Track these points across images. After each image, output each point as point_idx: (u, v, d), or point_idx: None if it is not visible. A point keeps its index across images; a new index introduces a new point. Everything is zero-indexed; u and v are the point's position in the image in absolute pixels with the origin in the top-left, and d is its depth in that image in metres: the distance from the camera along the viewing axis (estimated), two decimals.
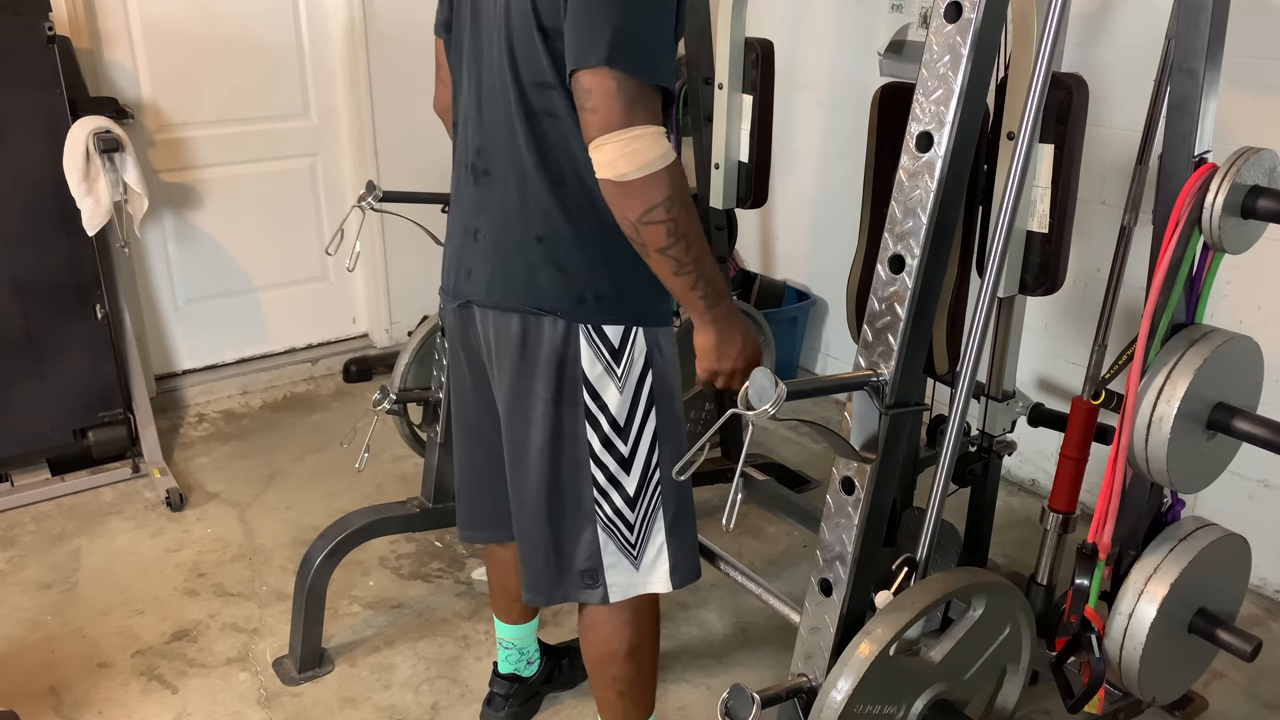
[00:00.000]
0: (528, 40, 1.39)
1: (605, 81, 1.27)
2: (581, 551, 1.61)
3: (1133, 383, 1.62)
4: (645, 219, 1.31)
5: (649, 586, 1.65)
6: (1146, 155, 1.79)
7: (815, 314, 3.72)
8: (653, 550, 1.62)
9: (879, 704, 1.38)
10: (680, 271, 1.36)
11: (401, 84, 3.55)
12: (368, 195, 2.16)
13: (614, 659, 1.71)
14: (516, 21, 1.39)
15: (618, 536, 1.60)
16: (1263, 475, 2.49)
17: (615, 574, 1.62)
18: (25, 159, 2.74)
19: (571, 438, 1.55)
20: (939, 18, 1.23)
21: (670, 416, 1.58)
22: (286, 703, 2.17)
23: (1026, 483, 3.07)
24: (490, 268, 1.55)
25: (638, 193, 1.29)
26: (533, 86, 1.41)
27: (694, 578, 1.68)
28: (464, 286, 1.61)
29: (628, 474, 1.56)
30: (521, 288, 1.51)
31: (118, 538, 2.76)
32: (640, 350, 1.52)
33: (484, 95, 1.51)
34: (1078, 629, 1.71)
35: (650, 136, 1.28)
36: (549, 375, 1.52)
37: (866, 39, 3.25)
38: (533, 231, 1.48)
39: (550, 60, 1.38)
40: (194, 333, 3.56)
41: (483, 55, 1.49)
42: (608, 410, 1.53)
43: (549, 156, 1.45)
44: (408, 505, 2.34)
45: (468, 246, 1.59)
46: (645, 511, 1.59)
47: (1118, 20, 2.56)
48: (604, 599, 1.63)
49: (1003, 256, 1.33)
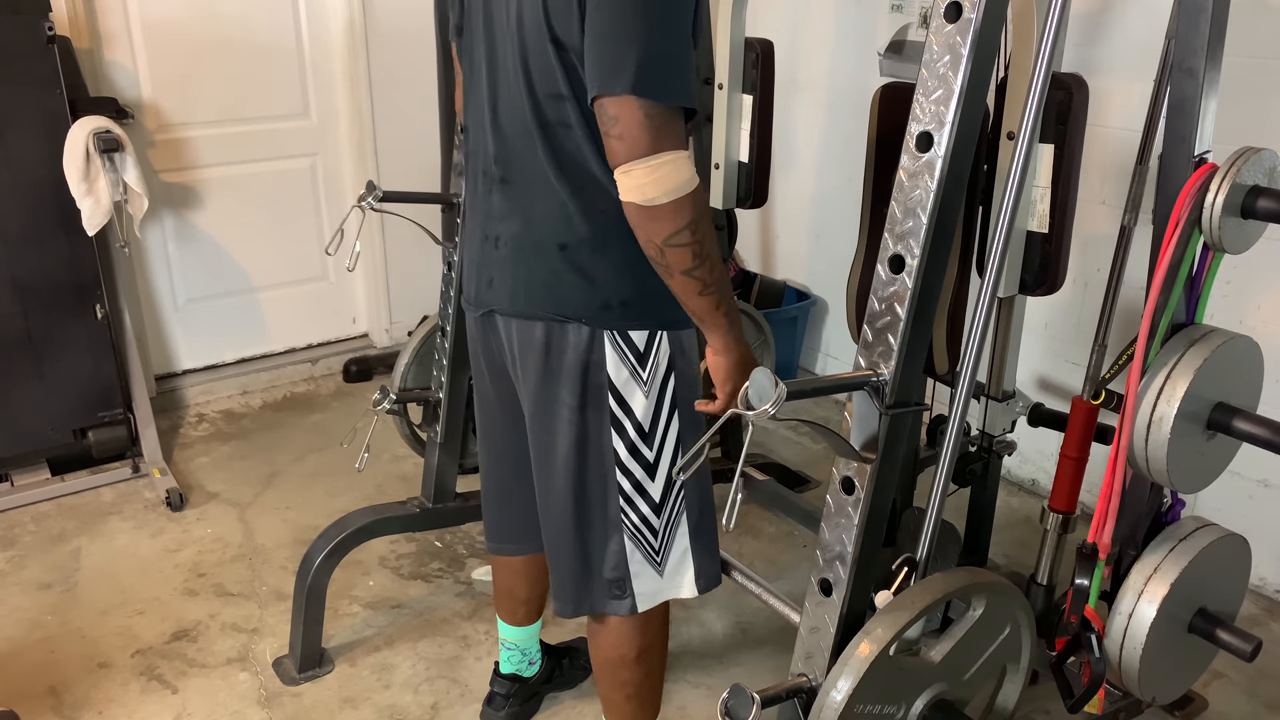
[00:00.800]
0: (541, 51, 1.38)
1: (632, 110, 1.27)
2: (609, 560, 1.61)
3: (1133, 383, 1.62)
4: (671, 242, 1.32)
5: (675, 592, 1.65)
6: (1146, 155, 1.79)
7: (815, 314, 3.72)
8: (677, 555, 1.62)
9: (879, 704, 1.38)
10: (704, 293, 1.38)
11: (401, 84, 3.55)
12: (368, 195, 2.15)
13: (624, 663, 1.71)
14: (530, 32, 1.38)
15: (643, 544, 1.59)
16: (1263, 475, 2.49)
17: (642, 582, 1.61)
18: (25, 159, 2.74)
19: (597, 445, 1.54)
20: (939, 18, 1.23)
21: (691, 417, 1.58)
22: (286, 703, 2.17)
23: (1026, 483, 3.07)
24: (513, 276, 1.54)
25: (664, 217, 1.30)
26: (546, 98, 1.41)
27: (717, 583, 1.68)
28: (486, 295, 1.60)
29: (653, 480, 1.56)
30: (545, 295, 1.50)
31: (118, 538, 2.76)
32: (665, 354, 1.52)
33: (499, 102, 1.50)
34: (1078, 629, 1.71)
35: (677, 162, 1.29)
36: (574, 382, 1.51)
37: (866, 39, 3.25)
38: (555, 239, 1.48)
39: (563, 72, 1.37)
40: (194, 333, 3.56)
41: (497, 63, 1.49)
42: (633, 415, 1.52)
43: (566, 165, 1.44)
44: (408, 505, 2.34)
45: (488, 254, 1.58)
46: (670, 516, 1.59)
47: (1118, 20, 2.56)
48: (632, 609, 1.63)
49: (1003, 256, 1.33)
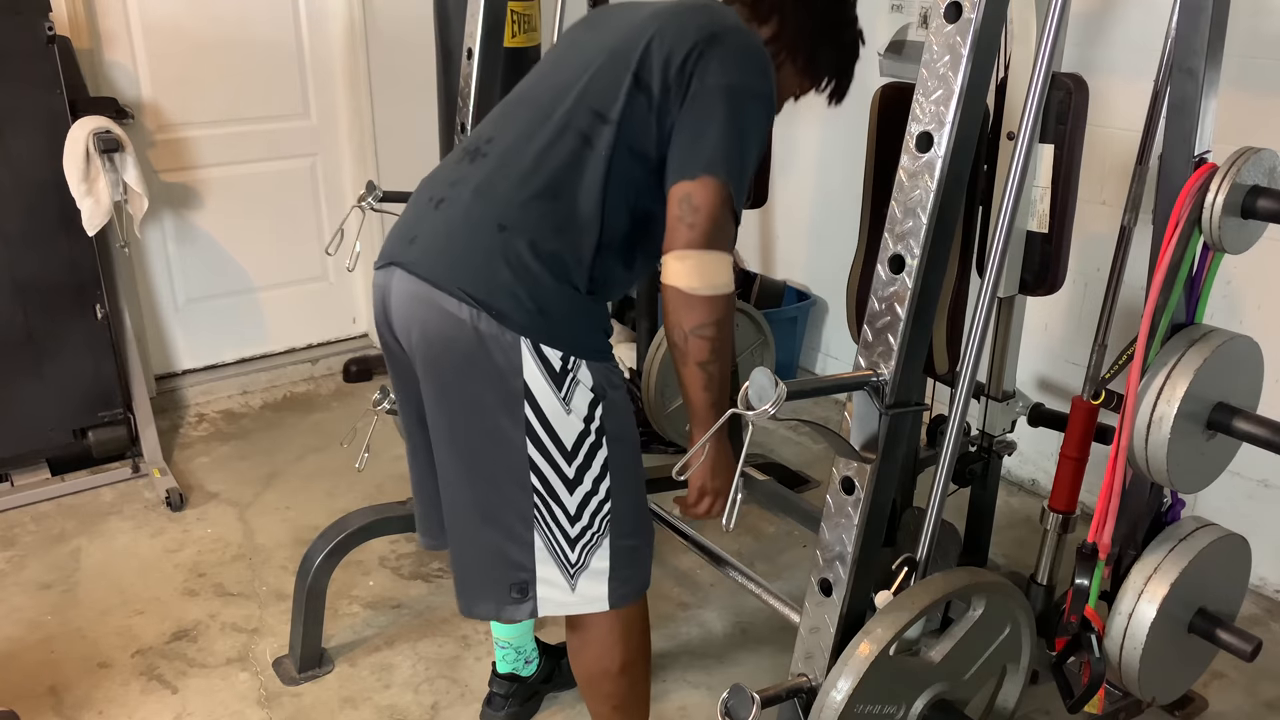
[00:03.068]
0: (614, 76, 1.46)
1: (708, 196, 1.38)
2: (513, 561, 1.53)
3: (1133, 383, 1.62)
4: (697, 332, 1.40)
5: (582, 608, 1.57)
6: (1146, 155, 1.79)
7: (815, 314, 3.72)
8: (592, 573, 1.54)
9: (879, 704, 1.38)
10: (708, 387, 1.44)
11: (401, 84, 3.55)
12: (368, 195, 2.16)
13: (607, 676, 1.69)
14: (614, 55, 1.48)
15: (557, 552, 1.52)
16: (1263, 475, 2.49)
17: (548, 589, 1.54)
18: (25, 159, 2.74)
19: (509, 451, 1.46)
20: (939, 18, 1.23)
21: (627, 455, 1.52)
22: (286, 703, 2.17)
23: (1026, 483, 3.07)
24: (443, 240, 1.47)
25: (699, 307, 1.39)
26: (589, 111, 1.46)
27: (634, 600, 1.61)
28: (400, 250, 1.51)
29: (571, 494, 1.49)
30: (471, 274, 1.43)
31: (118, 538, 2.76)
32: (586, 379, 1.45)
33: (531, 93, 1.56)
34: (1078, 629, 1.71)
35: (724, 262, 1.40)
36: (488, 380, 1.43)
37: (867, 39, 3.24)
38: (497, 218, 1.44)
39: (625, 104, 1.44)
40: (194, 333, 3.56)
41: (560, 65, 1.58)
42: (553, 430, 1.45)
43: (553, 167, 1.45)
44: (408, 505, 2.33)
45: (424, 214, 1.53)
46: (591, 536, 1.52)
47: (1118, 20, 2.56)
48: (532, 613, 1.56)
49: (1003, 256, 1.33)
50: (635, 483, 1.56)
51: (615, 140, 1.44)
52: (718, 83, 1.42)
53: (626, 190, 1.46)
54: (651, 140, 1.45)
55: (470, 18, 2.16)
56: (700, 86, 1.42)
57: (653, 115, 1.44)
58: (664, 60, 1.44)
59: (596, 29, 1.62)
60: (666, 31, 1.46)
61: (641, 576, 1.61)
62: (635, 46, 1.46)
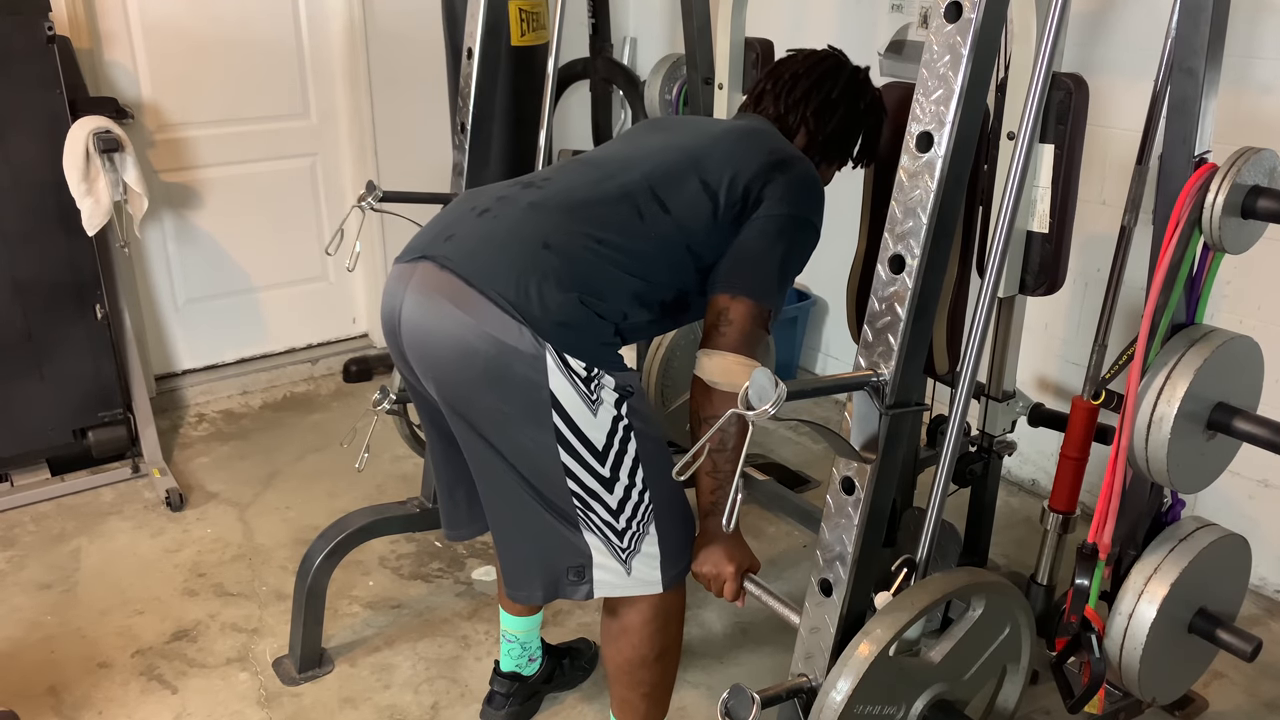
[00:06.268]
0: (680, 172, 1.57)
1: (743, 315, 1.51)
2: (567, 549, 1.57)
3: (1133, 383, 1.62)
4: (711, 420, 1.50)
5: (637, 590, 1.61)
6: (1146, 155, 1.79)
7: (815, 314, 3.72)
8: (643, 557, 1.59)
9: (879, 704, 1.38)
10: (713, 474, 1.53)
11: (401, 84, 3.55)
12: (368, 195, 2.15)
13: (644, 663, 1.71)
14: (682, 155, 1.60)
15: (608, 541, 1.56)
16: (1263, 475, 2.49)
17: (604, 573, 1.58)
18: (25, 159, 2.74)
19: (542, 459, 1.50)
20: (939, 18, 1.23)
21: (656, 447, 1.56)
22: (286, 703, 2.17)
23: (1026, 483, 3.07)
24: (483, 243, 1.49)
25: (717, 399, 1.50)
26: (646, 188, 1.56)
27: (679, 581, 1.65)
28: (434, 246, 1.52)
29: (610, 492, 1.53)
30: (506, 279, 1.44)
31: (118, 538, 2.76)
32: (610, 385, 1.48)
33: (583, 163, 1.66)
34: (1078, 629, 1.71)
35: (749, 367, 1.47)
36: (515, 391, 1.46)
37: (866, 39, 3.25)
38: (543, 236, 1.48)
39: (687, 200, 1.55)
40: (194, 333, 3.56)
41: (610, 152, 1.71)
42: (582, 434, 1.48)
43: (604, 217, 1.52)
44: (408, 505, 2.34)
45: (464, 217, 1.55)
46: (636, 526, 1.56)
47: (1118, 20, 2.56)
48: (589, 594, 1.60)
49: (1003, 256, 1.33)
50: (669, 470, 1.57)
51: (673, 232, 1.54)
52: (778, 211, 1.55)
53: (674, 274, 1.56)
54: (709, 246, 1.56)
55: (470, 17, 2.16)
56: (762, 211, 1.55)
57: (715, 223, 1.55)
58: (732, 175, 1.56)
59: (667, 130, 1.76)
60: (737, 150, 1.60)
61: (688, 558, 1.66)
62: (707, 154, 1.59)
